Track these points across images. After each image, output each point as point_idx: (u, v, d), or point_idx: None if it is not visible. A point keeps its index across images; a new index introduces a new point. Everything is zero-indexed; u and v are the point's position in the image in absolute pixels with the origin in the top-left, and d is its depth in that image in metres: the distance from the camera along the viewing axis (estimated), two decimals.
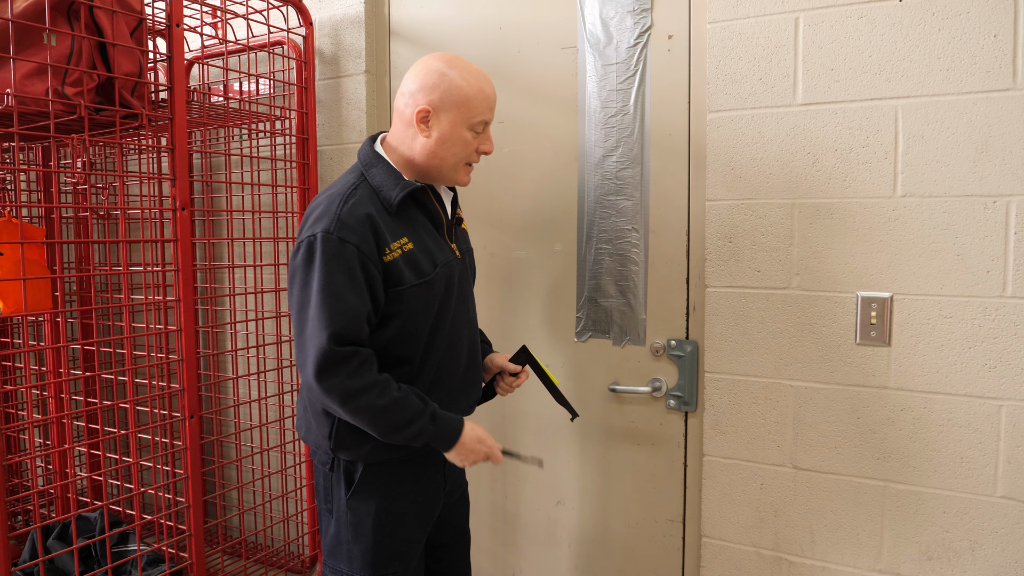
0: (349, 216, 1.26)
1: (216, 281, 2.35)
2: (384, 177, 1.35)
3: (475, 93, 1.34)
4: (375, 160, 1.37)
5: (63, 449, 1.75)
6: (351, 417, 1.28)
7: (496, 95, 1.40)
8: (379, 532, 1.38)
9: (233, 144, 2.25)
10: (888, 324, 1.46)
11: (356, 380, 1.25)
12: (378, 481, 1.38)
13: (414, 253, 1.33)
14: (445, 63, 1.35)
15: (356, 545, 1.38)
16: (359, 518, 1.38)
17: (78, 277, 2.45)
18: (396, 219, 1.34)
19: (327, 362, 1.23)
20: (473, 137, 1.37)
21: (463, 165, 1.39)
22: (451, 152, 1.36)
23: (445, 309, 1.40)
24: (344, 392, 1.24)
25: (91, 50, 1.52)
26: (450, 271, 1.40)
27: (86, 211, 2.36)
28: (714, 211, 1.61)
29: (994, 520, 1.40)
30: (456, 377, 1.45)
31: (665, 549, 1.79)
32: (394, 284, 1.30)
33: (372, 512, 1.38)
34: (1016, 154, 1.34)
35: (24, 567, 1.90)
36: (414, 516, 1.42)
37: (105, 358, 2.38)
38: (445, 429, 1.34)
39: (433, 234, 1.40)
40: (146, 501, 2.52)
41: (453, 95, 1.32)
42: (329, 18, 2.09)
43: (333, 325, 1.22)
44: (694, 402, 1.72)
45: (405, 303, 1.32)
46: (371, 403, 1.25)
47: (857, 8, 1.45)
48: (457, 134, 1.35)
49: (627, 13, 1.73)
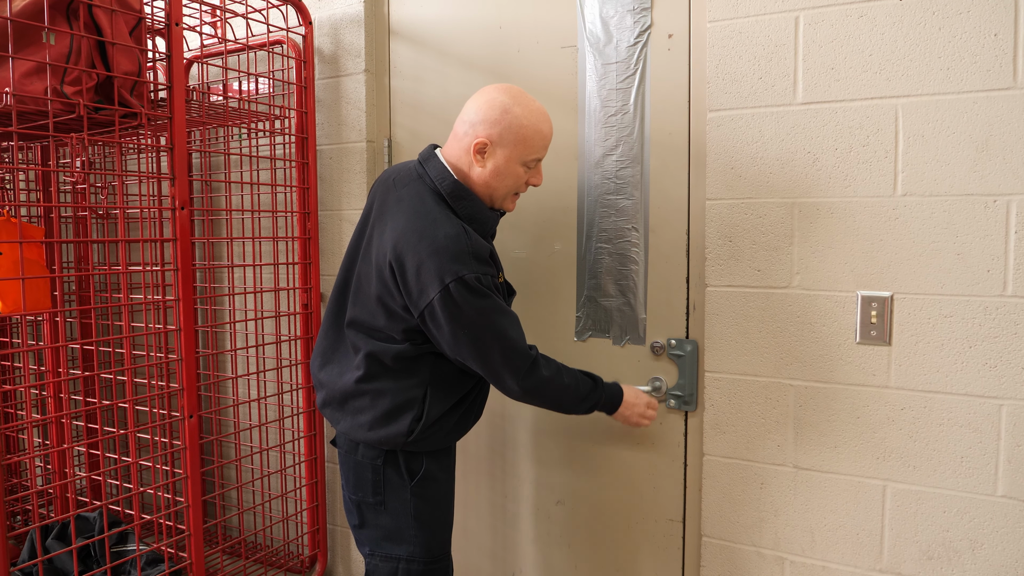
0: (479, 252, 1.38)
1: (215, 281, 2.35)
2: (478, 210, 1.46)
3: (533, 133, 1.42)
4: (463, 192, 1.45)
5: (62, 449, 1.74)
6: (554, 394, 1.46)
7: (552, 133, 1.50)
8: (440, 517, 1.53)
9: (232, 143, 2.25)
10: (888, 323, 1.46)
11: (547, 368, 1.45)
12: (439, 466, 1.53)
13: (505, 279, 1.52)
14: (510, 98, 1.42)
15: (422, 532, 1.50)
16: (424, 505, 1.50)
17: (77, 277, 2.44)
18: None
19: (527, 364, 1.42)
20: (525, 171, 1.46)
21: (512, 195, 1.51)
22: (503, 184, 1.45)
23: None
24: (545, 376, 1.43)
25: (90, 49, 1.52)
26: (508, 291, 1.57)
27: (85, 210, 2.36)
28: (714, 210, 1.61)
29: (994, 519, 1.40)
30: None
31: (665, 549, 1.79)
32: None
33: (433, 499, 1.52)
34: (1016, 153, 1.34)
35: (23, 567, 1.89)
36: (453, 493, 1.61)
37: (104, 358, 2.37)
38: (611, 389, 1.56)
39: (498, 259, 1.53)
40: (145, 501, 2.52)
41: (513, 132, 1.41)
42: (328, 17, 2.09)
43: (517, 335, 1.41)
44: (694, 401, 1.72)
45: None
46: (562, 380, 1.46)
47: (857, 7, 1.44)
48: (511, 168, 1.44)
49: (627, 12, 1.73)
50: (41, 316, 2.22)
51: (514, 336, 1.40)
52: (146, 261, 2.34)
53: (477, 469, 2.01)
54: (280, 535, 2.23)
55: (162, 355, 2.15)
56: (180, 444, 1.74)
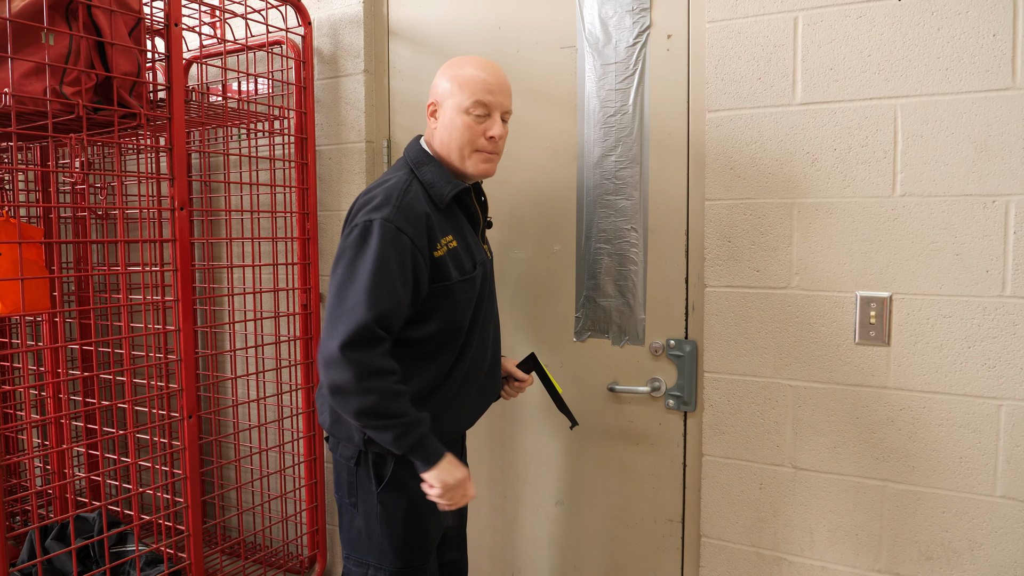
0: (408, 209, 1.32)
1: (215, 281, 2.35)
2: (436, 175, 1.41)
3: (469, 78, 1.39)
4: (425, 158, 1.43)
5: (61, 449, 1.74)
6: (357, 393, 1.26)
7: (502, 82, 1.43)
8: (410, 525, 1.43)
9: (231, 144, 2.25)
10: (887, 324, 1.46)
11: (384, 361, 1.29)
12: (409, 474, 1.40)
13: (458, 251, 1.41)
14: (455, 60, 1.44)
15: (387, 539, 1.42)
16: (390, 512, 1.42)
17: (76, 277, 2.44)
18: (444, 216, 1.41)
19: (362, 336, 1.25)
20: (475, 121, 1.40)
21: (471, 152, 1.42)
22: (453, 139, 1.41)
23: (479, 307, 1.47)
24: (369, 367, 1.26)
25: (89, 50, 1.52)
26: (485, 270, 1.49)
27: (84, 211, 2.36)
28: (713, 211, 1.61)
29: (993, 520, 1.40)
30: (483, 373, 1.52)
31: (664, 549, 1.79)
32: (442, 279, 1.37)
33: (404, 506, 1.42)
34: (1015, 153, 1.34)
35: (22, 567, 1.89)
36: (434, 507, 1.44)
37: (103, 358, 2.37)
38: (434, 442, 1.34)
39: (472, 233, 1.48)
40: (145, 501, 2.52)
41: (452, 84, 1.40)
42: (328, 18, 2.09)
43: (379, 307, 1.26)
44: (693, 402, 1.72)
45: (451, 297, 1.39)
46: (387, 386, 1.28)
47: (856, 7, 1.44)
48: (455, 120, 1.40)
49: (626, 12, 1.73)
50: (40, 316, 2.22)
51: (381, 298, 1.26)
52: (145, 262, 2.34)
53: (476, 469, 2.01)
54: (279, 535, 2.23)
55: (161, 356, 2.15)
56: (179, 445, 1.74)
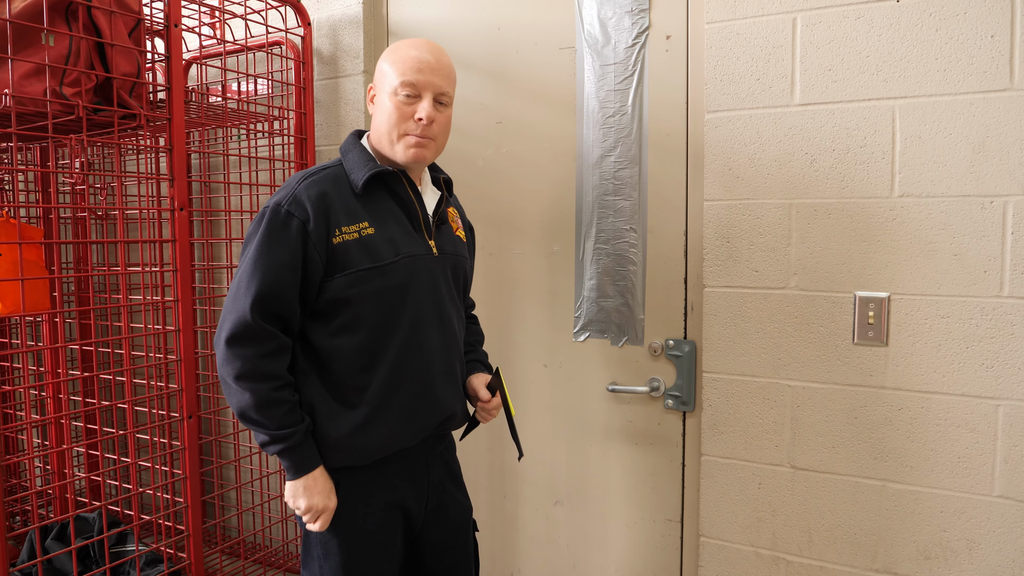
0: (304, 193, 1.26)
1: (214, 281, 2.35)
2: (356, 160, 1.34)
3: (400, 57, 1.30)
4: (352, 146, 1.37)
5: (61, 449, 1.75)
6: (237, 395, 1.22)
7: (438, 61, 1.31)
8: (348, 554, 1.30)
9: (231, 144, 2.25)
10: (885, 324, 1.46)
11: (268, 364, 1.22)
12: (344, 493, 1.30)
13: (373, 239, 1.28)
14: (395, 43, 1.36)
15: (327, 563, 1.31)
16: (326, 536, 1.31)
17: (76, 277, 2.45)
18: (362, 203, 1.31)
19: (245, 332, 1.20)
20: (403, 103, 1.29)
21: (399, 136, 1.30)
22: (383, 122, 1.32)
23: (406, 304, 1.31)
24: (250, 368, 1.20)
25: (89, 50, 1.52)
26: (416, 264, 1.32)
27: (84, 211, 2.36)
28: (712, 211, 1.61)
29: (991, 519, 1.41)
30: (423, 382, 1.33)
31: (663, 549, 1.79)
32: (342, 267, 1.25)
33: (340, 532, 1.30)
34: (1013, 154, 1.34)
35: (22, 567, 1.89)
36: (384, 532, 1.32)
37: (103, 358, 2.37)
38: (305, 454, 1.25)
39: (404, 224, 1.34)
40: (144, 501, 2.52)
41: (383, 66, 1.33)
42: (327, 18, 2.09)
43: (257, 290, 1.20)
44: (692, 402, 1.72)
45: (356, 288, 1.26)
46: (263, 389, 1.21)
47: (855, 8, 1.45)
48: (384, 103, 1.31)
49: (625, 13, 1.73)
50: (40, 317, 2.22)
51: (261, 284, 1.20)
52: (145, 262, 2.34)
53: (475, 469, 2.02)
54: (279, 535, 2.23)
55: (161, 356, 2.16)
56: (179, 445, 1.74)
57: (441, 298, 1.37)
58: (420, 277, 1.33)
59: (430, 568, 1.44)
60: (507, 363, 1.95)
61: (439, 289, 1.37)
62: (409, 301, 1.31)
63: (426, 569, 1.44)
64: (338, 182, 1.31)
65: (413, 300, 1.32)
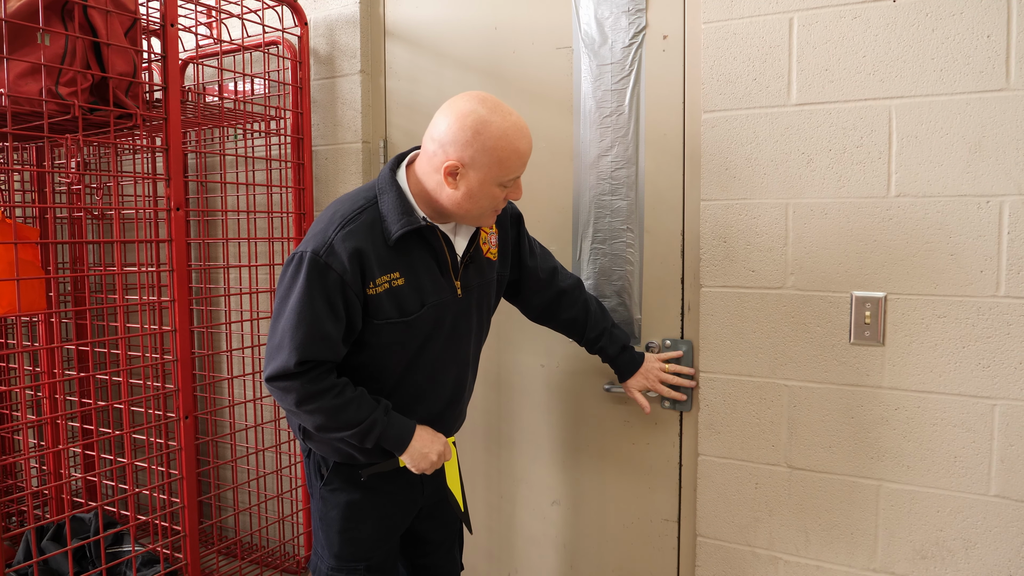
0: (340, 244, 1.27)
1: (211, 281, 2.34)
2: (391, 207, 1.31)
3: (509, 154, 1.26)
4: (388, 187, 1.33)
5: (58, 450, 1.74)
6: (307, 417, 1.31)
7: (531, 148, 1.31)
8: (344, 527, 1.43)
9: (228, 144, 2.25)
10: (882, 324, 1.46)
11: (314, 384, 1.28)
12: (343, 478, 1.43)
13: (403, 289, 1.32)
14: (484, 112, 1.25)
15: (325, 534, 1.45)
16: (328, 509, 1.45)
17: (72, 277, 2.44)
18: (393, 251, 1.32)
19: (287, 375, 1.28)
20: (502, 191, 1.31)
21: (490, 212, 1.35)
22: (477, 206, 1.31)
23: (426, 349, 1.39)
24: (304, 394, 1.28)
25: (85, 50, 1.52)
26: (441, 311, 1.38)
27: (80, 211, 2.36)
28: (709, 211, 1.61)
29: (988, 519, 1.41)
30: (430, 416, 1.44)
31: (660, 549, 1.79)
32: (372, 316, 1.31)
33: (339, 506, 1.43)
34: (1009, 154, 1.34)
35: (18, 568, 1.89)
36: (381, 517, 1.45)
37: (99, 358, 2.37)
38: (397, 428, 1.36)
39: (433, 271, 1.37)
40: (141, 502, 2.51)
41: (487, 155, 1.25)
42: (324, 18, 2.09)
43: (303, 351, 1.26)
44: (689, 402, 1.72)
45: (379, 337, 1.33)
46: (326, 403, 1.29)
47: (851, 8, 1.45)
48: (486, 191, 1.29)
49: (622, 13, 1.73)
50: (36, 317, 2.22)
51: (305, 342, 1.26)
52: (141, 262, 2.34)
53: (473, 469, 2.01)
54: (276, 536, 2.23)
55: (158, 356, 2.15)
56: (176, 445, 1.74)
57: (459, 337, 1.44)
58: (443, 323, 1.40)
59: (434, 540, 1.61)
60: (505, 363, 1.95)
61: (458, 328, 1.43)
62: (430, 347, 1.39)
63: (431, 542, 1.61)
64: (373, 230, 1.31)
65: (434, 346, 1.40)
